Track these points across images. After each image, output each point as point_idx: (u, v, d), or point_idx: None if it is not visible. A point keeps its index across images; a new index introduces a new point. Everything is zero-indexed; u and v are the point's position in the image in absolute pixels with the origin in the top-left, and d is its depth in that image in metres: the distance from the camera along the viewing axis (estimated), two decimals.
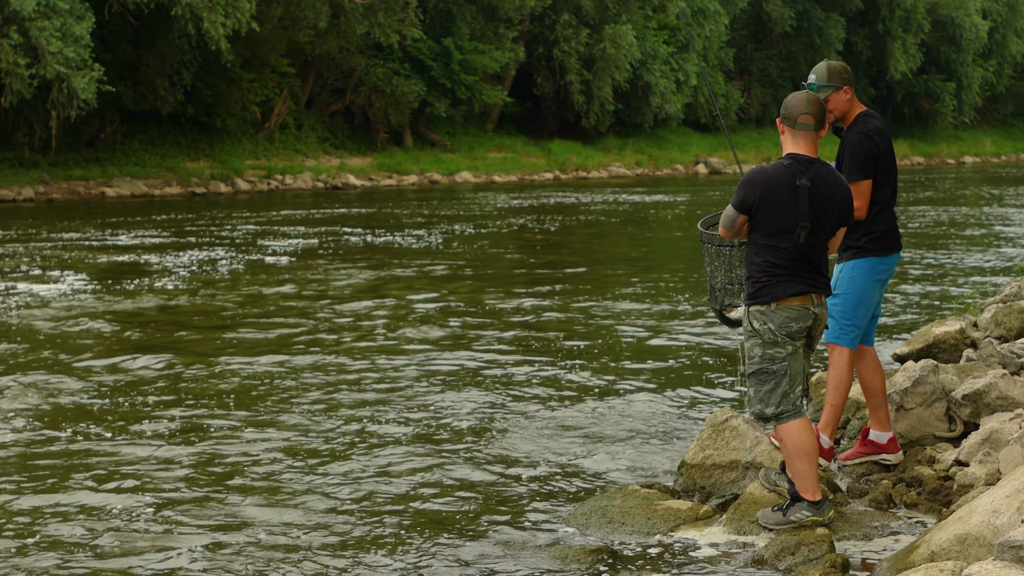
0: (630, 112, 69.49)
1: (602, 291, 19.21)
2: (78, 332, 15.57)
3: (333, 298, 18.70)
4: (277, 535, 7.88)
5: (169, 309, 17.75)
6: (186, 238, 28.44)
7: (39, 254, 24.75)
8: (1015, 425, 7.99)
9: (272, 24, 51.11)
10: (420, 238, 28.40)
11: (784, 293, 7.52)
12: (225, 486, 8.92)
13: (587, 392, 12.00)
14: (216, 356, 13.87)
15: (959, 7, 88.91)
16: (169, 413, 11.17)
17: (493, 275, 21.48)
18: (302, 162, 53.60)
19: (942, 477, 8.22)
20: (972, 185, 54.35)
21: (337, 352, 14.10)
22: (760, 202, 7.49)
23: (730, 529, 7.67)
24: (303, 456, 9.69)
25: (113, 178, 46.10)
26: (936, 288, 19.62)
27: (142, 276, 21.18)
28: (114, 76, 45.06)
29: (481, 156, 60.71)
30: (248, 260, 23.73)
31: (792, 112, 7.66)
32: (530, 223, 33.28)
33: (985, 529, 6.29)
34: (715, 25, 74.20)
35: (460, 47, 59.74)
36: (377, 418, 10.93)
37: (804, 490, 7.53)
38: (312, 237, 28.61)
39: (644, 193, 47.61)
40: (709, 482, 8.42)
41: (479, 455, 9.73)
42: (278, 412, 11.19)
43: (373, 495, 8.70)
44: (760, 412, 7.64)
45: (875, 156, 8.43)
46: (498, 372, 12.95)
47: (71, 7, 40.99)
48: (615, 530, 7.80)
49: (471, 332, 15.46)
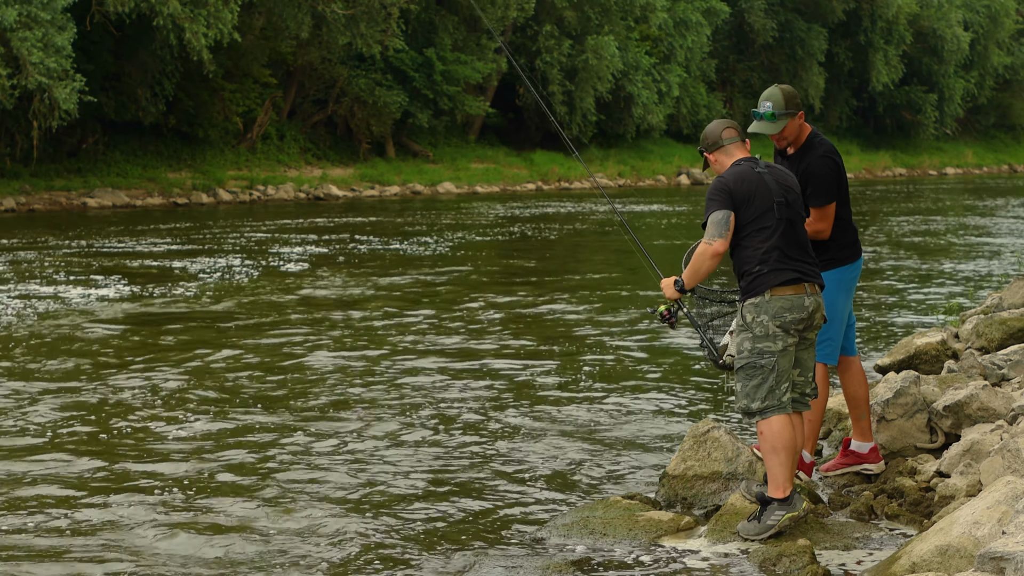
0: (612, 123, 69.54)
1: (585, 300, 19.21)
2: (72, 339, 15.54)
3: (321, 306, 18.68)
4: (255, 534, 7.87)
5: (168, 317, 17.72)
6: (188, 245, 28.40)
7: (26, 263, 24.69)
8: (996, 436, 8.00)
9: (254, 35, 51.07)
10: (406, 248, 28.39)
11: (776, 281, 7.58)
12: (210, 487, 8.91)
13: (568, 403, 11.98)
14: (212, 362, 13.86)
15: (941, 19, 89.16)
16: (170, 415, 11.15)
17: (474, 283, 21.47)
18: (284, 173, 53.53)
19: (923, 488, 8.23)
20: (954, 196, 54.50)
21: (319, 356, 14.09)
22: (736, 194, 7.64)
23: (712, 540, 7.67)
24: (286, 463, 9.68)
25: (95, 188, 45.98)
26: (917, 299, 19.65)
27: (138, 282, 21.15)
28: (96, 86, 44.98)
29: (463, 167, 60.69)
30: (248, 268, 23.70)
31: (714, 136, 7.96)
32: (518, 232, 33.27)
33: (966, 540, 6.29)
34: (697, 36, 74.32)
35: (442, 58, 59.74)
36: (343, 432, 10.90)
37: (775, 487, 7.54)
38: (310, 245, 28.58)
39: (631, 203, 47.64)
40: (691, 493, 8.42)
41: (460, 466, 9.72)
42: (265, 419, 11.17)
43: (352, 503, 8.68)
44: (746, 407, 7.66)
45: (838, 178, 8.49)
46: (479, 383, 12.93)
47: (53, 17, 40.90)
48: (597, 541, 7.79)
49: (451, 341, 15.44)
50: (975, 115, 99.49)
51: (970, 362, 10.32)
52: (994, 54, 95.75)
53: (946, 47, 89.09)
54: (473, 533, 8.12)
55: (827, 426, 10.01)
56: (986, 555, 5.15)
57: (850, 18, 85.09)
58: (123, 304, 19.12)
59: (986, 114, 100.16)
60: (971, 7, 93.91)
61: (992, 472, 7.31)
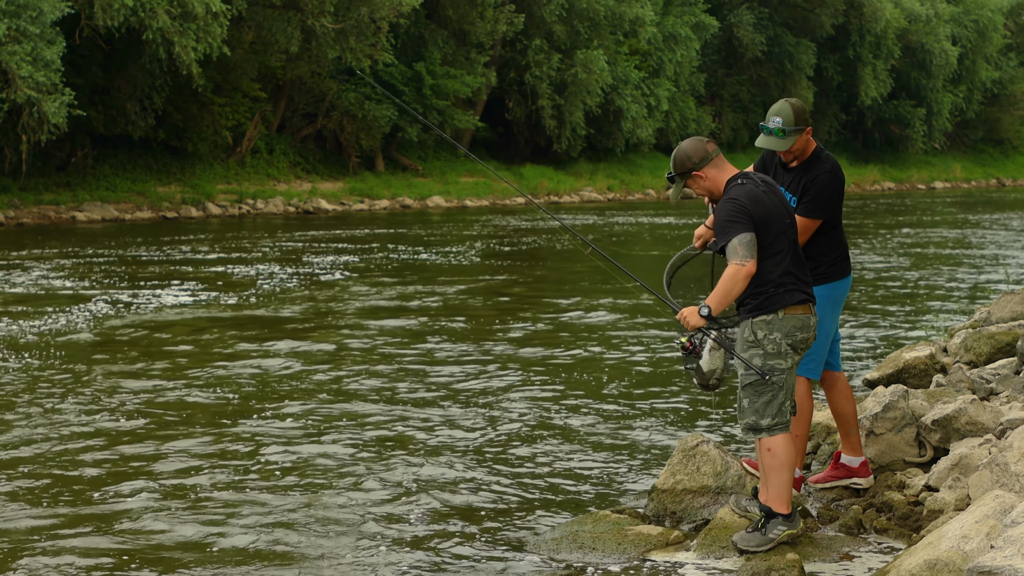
0: (601, 137, 69.64)
1: (576, 312, 19.22)
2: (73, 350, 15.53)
3: (321, 323, 18.68)
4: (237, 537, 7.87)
5: (166, 326, 17.71)
6: (188, 255, 28.38)
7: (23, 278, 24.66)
8: (984, 451, 8.01)
9: (243, 49, 51.05)
10: (431, 259, 28.41)
11: (791, 300, 7.57)
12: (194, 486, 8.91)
13: (557, 416, 11.98)
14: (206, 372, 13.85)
15: (929, 33, 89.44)
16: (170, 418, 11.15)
17: (464, 300, 21.49)
18: (273, 186, 53.50)
19: (912, 502, 8.23)
20: (943, 210, 54.59)
21: (302, 370, 14.09)
22: (756, 216, 7.52)
23: (701, 554, 7.67)
24: (273, 470, 9.67)
25: (84, 202, 45.92)
26: (906, 313, 19.68)
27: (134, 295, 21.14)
28: (85, 100, 44.95)
29: (453, 181, 60.71)
30: (244, 278, 23.70)
31: (700, 152, 7.74)
32: (506, 243, 33.30)
33: (955, 555, 6.30)
34: (686, 50, 74.48)
35: (432, 72, 59.79)
36: (323, 440, 10.90)
37: (780, 503, 7.54)
38: (343, 254, 28.59)
39: (618, 214, 47.69)
40: (680, 507, 8.42)
41: (446, 479, 9.71)
42: (257, 432, 11.17)
43: (334, 521, 8.68)
44: (754, 424, 7.61)
45: (839, 197, 8.50)
46: (469, 394, 12.93)
47: (42, 31, 40.87)
48: (586, 555, 7.79)
49: (442, 352, 15.43)
50: (963, 129, 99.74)
51: (958, 376, 10.34)
52: (982, 68, 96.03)
53: (934, 61, 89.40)
54: (459, 547, 8.11)
55: (816, 440, 10.01)
56: (975, 569, 5.16)
57: (839, 32, 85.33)
58: (192, 309, 19.10)
59: (974, 128, 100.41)
60: (959, 22, 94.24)
61: (980, 486, 7.32)
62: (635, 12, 67.93)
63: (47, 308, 20.10)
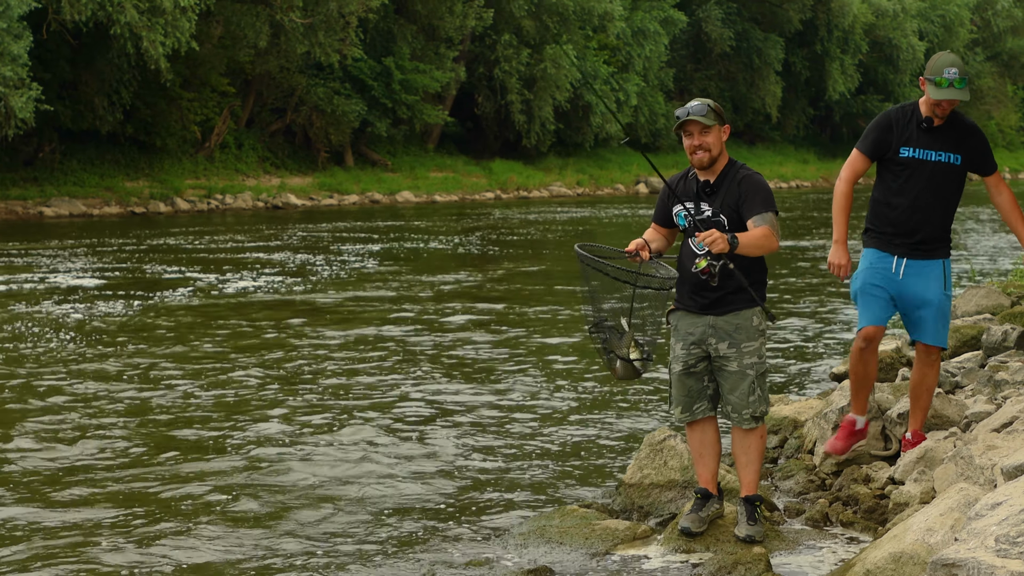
0: (571, 132, 69.66)
1: (543, 307, 19.23)
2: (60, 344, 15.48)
3: (290, 323, 18.66)
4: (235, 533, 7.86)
5: (164, 324, 17.67)
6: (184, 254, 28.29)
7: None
8: (949, 444, 8.06)
9: (212, 43, 50.88)
10: (363, 258, 28.38)
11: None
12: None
13: (524, 411, 11.99)
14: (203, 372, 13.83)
15: (896, 28, 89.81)
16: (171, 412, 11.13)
17: (431, 291, 21.49)
18: (242, 181, 53.35)
19: (878, 495, 8.28)
20: None
21: (282, 372, 14.09)
22: None
23: (668, 548, 7.68)
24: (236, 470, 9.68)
25: (51, 198, 45.72)
26: None
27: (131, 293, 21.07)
28: (52, 95, 44.73)
29: (422, 176, 60.62)
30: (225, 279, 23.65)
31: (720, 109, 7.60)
32: (477, 241, 33.29)
33: (919, 547, 6.34)
34: (655, 45, 74.56)
35: (401, 67, 59.69)
36: (300, 440, 10.90)
37: (757, 487, 7.70)
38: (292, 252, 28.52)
39: (589, 209, 47.73)
40: (647, 501, 8.45)
41: (413, 474, 9.71)
42: (246, 430, 11.16)
43: (294, 520, 8.69)
44: (766, 411, 7.68)
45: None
46: (436, 388, 12.94)
47: (8, 26, 40.65)
48: (554, 550, 7.80)
49: (409, 350, 15.43)
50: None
51: None
52: None
53: (901, 56, 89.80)
54: (424, 543, 8.12)
55: (783, 434, 10.05)
56: (939, 562, 5.19)
57: (807, 28, 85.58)
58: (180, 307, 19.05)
59: None
60: (926, 17, 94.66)
61: (945, 479, 7.37)
62: (604, 7, 67.95)
63: (12, 306, 20.04)
